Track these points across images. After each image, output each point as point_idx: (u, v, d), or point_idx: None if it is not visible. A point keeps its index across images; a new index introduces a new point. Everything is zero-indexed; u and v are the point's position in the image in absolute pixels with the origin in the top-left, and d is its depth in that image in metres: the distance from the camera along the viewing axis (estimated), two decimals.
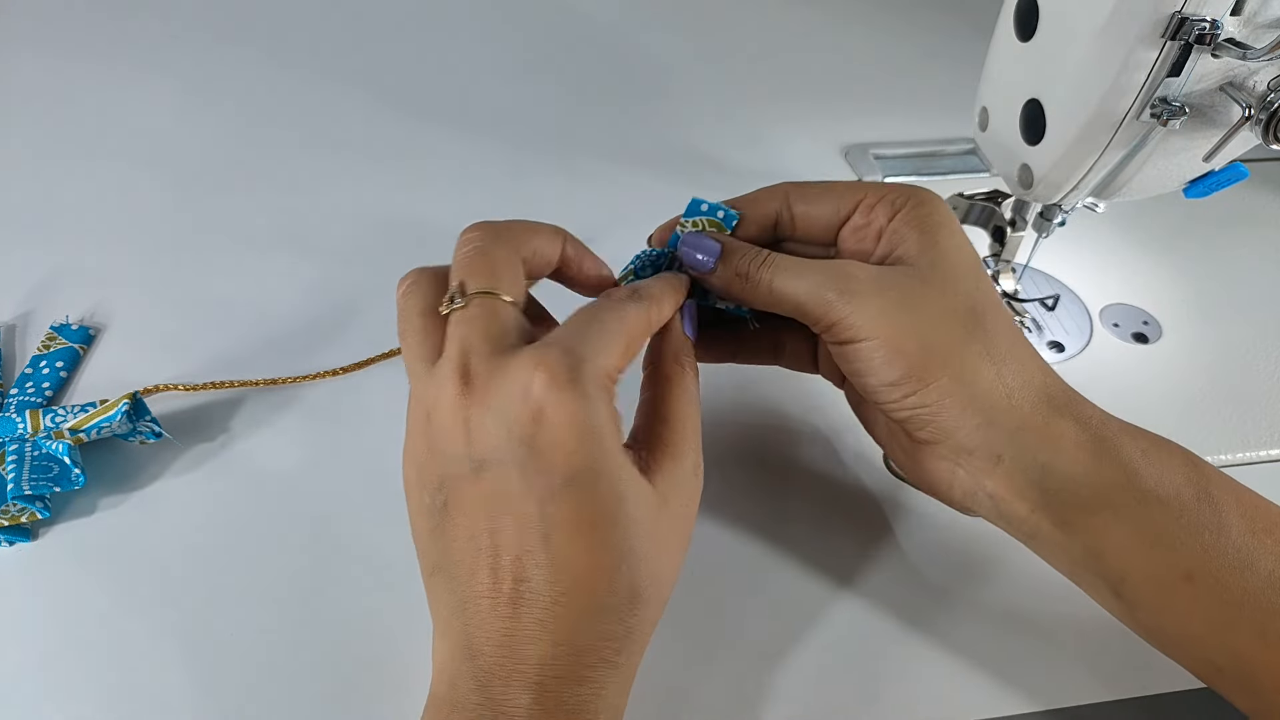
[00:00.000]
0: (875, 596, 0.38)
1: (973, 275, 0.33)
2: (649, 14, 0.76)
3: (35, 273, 0.49)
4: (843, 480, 0.43)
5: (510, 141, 0.62)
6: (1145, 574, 0.31)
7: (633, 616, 0.28)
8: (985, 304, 0.33)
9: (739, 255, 0.34)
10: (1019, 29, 0.39)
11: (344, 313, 0.49)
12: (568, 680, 0.27)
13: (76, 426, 0.39)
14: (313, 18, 0.72)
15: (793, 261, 0.33)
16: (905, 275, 0.32)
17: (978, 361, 0.31)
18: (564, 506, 0.27)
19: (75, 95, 0.62)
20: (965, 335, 0.32)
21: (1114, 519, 0.31)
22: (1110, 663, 0.36)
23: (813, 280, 0.32)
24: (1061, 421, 0.32)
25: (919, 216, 0.33)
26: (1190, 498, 0.31)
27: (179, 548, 0.38)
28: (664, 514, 0.29)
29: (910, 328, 0.31)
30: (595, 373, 0.27)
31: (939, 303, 0.32)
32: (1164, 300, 0.52)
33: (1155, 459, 0.31)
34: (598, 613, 0.27)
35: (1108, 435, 0.32)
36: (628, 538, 0.27)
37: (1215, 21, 0.33)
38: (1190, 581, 0.30)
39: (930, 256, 0.32)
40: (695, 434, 0.31)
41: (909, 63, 0.72)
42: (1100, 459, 0.31)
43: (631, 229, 0.55)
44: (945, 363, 0.31)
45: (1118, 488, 0.31)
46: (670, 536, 0.30)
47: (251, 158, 0.59)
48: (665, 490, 0.29)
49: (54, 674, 0.34)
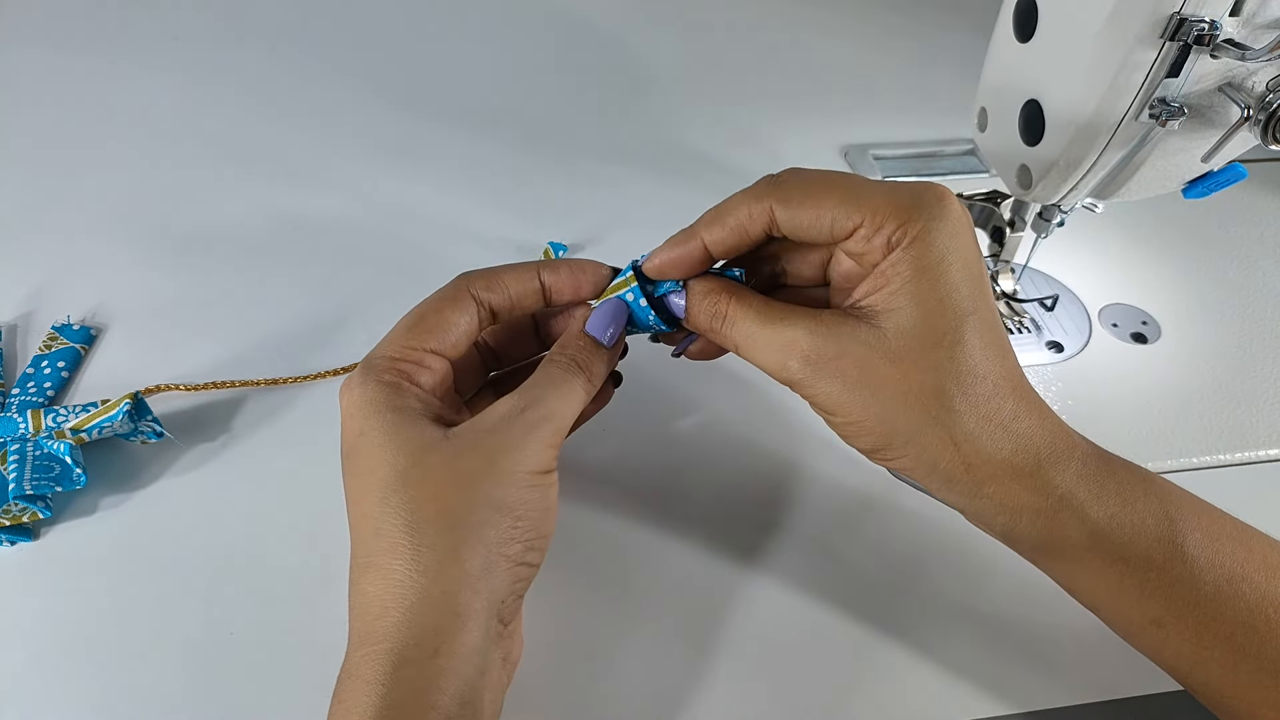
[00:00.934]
0: (875, 596, 0.38)
1: (953, 338, 0.30)
2: (649, 14, 0.76)
3: (36, 273, 0.50)
4: (842, 480, 0.43)
5: (511, 141, 0.62)
6: (1113, 615, 0.32)
7: (419, 549, 0.29)
8: (959, 377, 0.30)
9: (702, 309, 0.33)
10: (1018, 30, 0.39)
11: (344, 313, 0.49)
12: (366, 636, 0.28)
13: (78, 426, 0.39)
14: (314, 18, 0.72)
15: (753, 326, 0.32)
16: (867, 349, 0.30)
17: (937, 445, 0.31)
18: (345, 476, 0.31)
19: (76, 95, 0.62)
20: (926, 421, 0.30)
21: (1079, 571, 0.31)
22: (1110, 664, 0.36)
23: (775, 356, 0.32)
24: (1022, 491, 0.31)
25: (911, 258, 0.30)
26: (1161, 557, 0.30)
27: (179, 548, 0.38)
28: (449, 454, 0.30)
29: (872, 409, 0.31)
30: (369, 365, 0.32)
31: (901, 387, 0.30)
32: (1163, 300, 0.52)
33: (1124, 520, 0.30)
34: (367, 540, 0.30)
35: (1075, 502, 0.31)
36: (393, 482, 0.29)
37: (1214, 22, 0.33)
38: (1159, 626, 0.30)
39: (900, 321, 0.30)
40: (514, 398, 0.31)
41: (909, 63, 0.72)
42: (1062, 525, 0.31)
43: (631, 228, 0.56)
44: (906, 443, 0.31)
45: (1081, 549, 0.31)
46: (461, 472, 0.30)
47: (253, 158, 0.59)
48: (461, 433, 0.30)
49: (54, 674, 0.34)
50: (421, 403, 0.32)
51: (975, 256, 0.31)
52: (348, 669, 0.28)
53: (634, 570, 0.39)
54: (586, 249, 0.54)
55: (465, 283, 0.34)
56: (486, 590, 0.29)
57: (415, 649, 0.27)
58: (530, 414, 0.30)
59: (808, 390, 0.32)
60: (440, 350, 0.33)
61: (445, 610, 0.28)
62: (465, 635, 0.28)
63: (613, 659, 0.36)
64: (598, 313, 0.34)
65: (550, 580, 0.37)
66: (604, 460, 0.43)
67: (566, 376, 0.32)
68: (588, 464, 0.42)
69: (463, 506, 0.29)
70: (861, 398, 0.31)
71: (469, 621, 0.28)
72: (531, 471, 0.30)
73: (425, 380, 0.32)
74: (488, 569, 0.29)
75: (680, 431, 0.44)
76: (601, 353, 0.33)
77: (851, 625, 0.38)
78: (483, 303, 0.34)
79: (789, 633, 0.37)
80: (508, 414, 0.31)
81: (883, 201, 0.31)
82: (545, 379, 0.32)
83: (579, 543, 0.39)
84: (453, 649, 0.28)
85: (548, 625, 0.36)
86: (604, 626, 0.37)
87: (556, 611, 0.37)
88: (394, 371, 0.32)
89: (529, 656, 0.34)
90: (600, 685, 0.35)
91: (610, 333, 0.34)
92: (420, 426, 0.30)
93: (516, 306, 0.34)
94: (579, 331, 0.34)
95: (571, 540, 0.39)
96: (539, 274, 0.34)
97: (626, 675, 0.36)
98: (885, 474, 0.43)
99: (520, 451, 0.30)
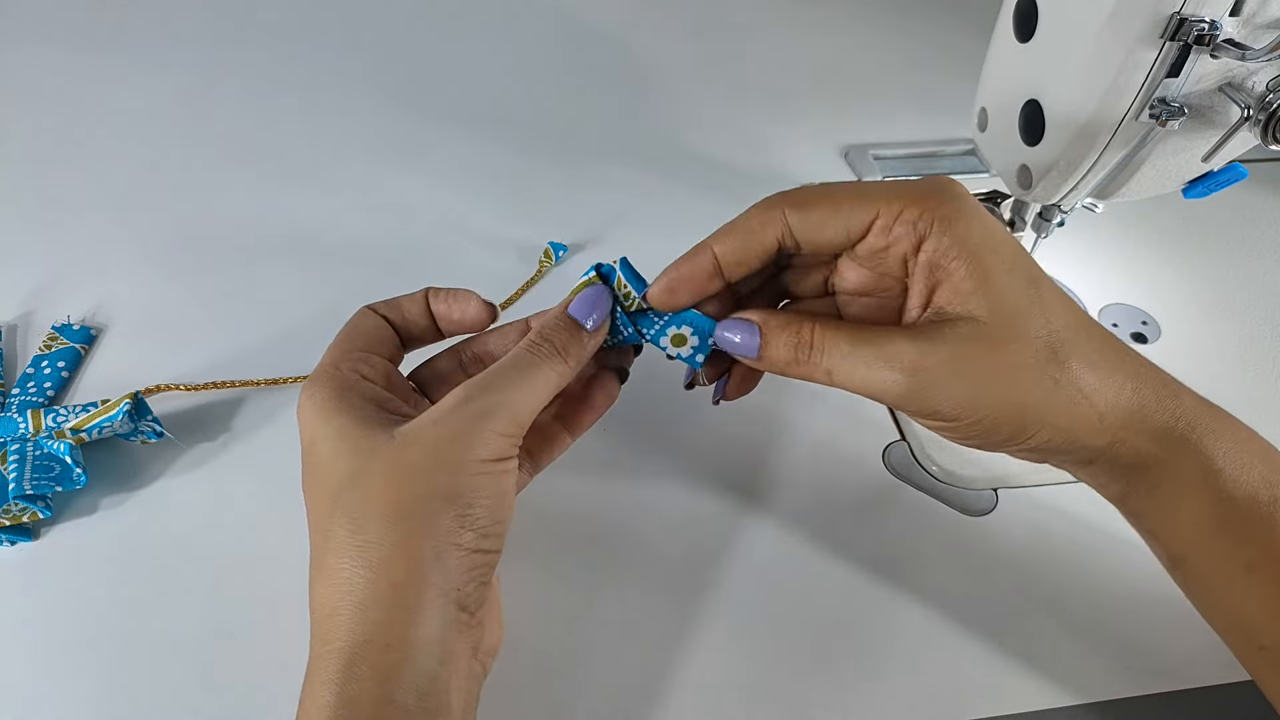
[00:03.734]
0: (873, 596, 0.39)
1: (1036, 299, 0.30)
2: (650, 15, 0.76)
3: (36, 273, 0.50)
4: (842, 480, 0.43)
5: (511, 141, 0.62)
6: (1206, 558, 0.31)
7: (365, 546, 0.28)
8: (1059, 332, 0.30)
9: (783, 341, 0.31)
10: (1018, 29, 0.39)
11: (344, 313, 0.48)
12: (320, 637, 0.29)
13: (78, 426, 0.39)
14: (314, 18, 0.72)
15: (848, 347, 0.30)
16: (974, 343, 0.30)
17: (1070, 405, 0.30)
18: (303, 486, 0.31)
19: (76, 94, 0.62)
20: (1054, 387, 0.30)
21: (1185, 510, 0.31)
22: (1110, 665, 0.37)
23: (880, 373, 0.30)
24: (1150, 428, 0.31)
25: (954, 243, 0.30)
26: (1265, 499, 0.31)
27: (179, 548, 0.38)
28: (395, 450, 0.30)
29: (1001, 402, 0.30)
30: (320, 370, 0.33)
31: (1019, 365, 0.30)
32: (1163, 300, 0.52)
33: (1235, 459, 0.31)
34: (317, 544, 0.30)
35: (1192, 434, 0.31)
36: (342, 484, 0.29)
37: (1214, 22, 0.33)
38: (1251, 571, 0.30)
39: (990, 300, 0.30)
40: (464, 387, 0.31)
41: (909, 63, 0.72)
42: (1180, 457, 0.31)
43: (631, 229, 0.56)
44: (1040, 418, 0.30)
45: (1192, 483, 0.31)
46: (407, 466, 0.29)
47: (253, 157, 0.59)
48: (408, 430, 0.30)
49: (54, 674, 0.34)
50: (369, 397, 0.32)
51: (1002, 224, 0.32)
52: (307, 672, 0.29)
53: (630, 570, 0.39)
54: (586, 249, 0.54)
55: (365, 307, 0.36)
56: (439, 580, 0.28)
57: (366, 645, 0.27)
58: (480, 401, 0.30)
59: (926, 402, 0.30)
60: (373, 350, 0.34)
61: (394, 604, 0.28)
62: (419, 627, 0.28)
63: (605, 657, 0.36)
64: (580, 296, 0.33)
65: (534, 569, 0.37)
66: (602, 459, 0.43)
67: (535, 360, 0.31)
68: (585, 464, 0.42)
69: (408, 499, 0.29)
70: (987, 391, 0.30)
71: (421, 613, 0.28)
72: (481, 459, 0.29)
73: (368, 373, 0.33)
74: (438, 558, 0.28)
75: (678, 429, 0.44)
76: (581, 336, 0.33)
77: (851, 625, 0.38)
78: (384, 316, 0.35)
79: (787, 633, 0.37)
80: (454, 404, 0.30)
81: (895, 192, 0.30)
82: (509, 363, 0.31)
83: (573, 540, 0.39)
84: (405, 641, 0.27)
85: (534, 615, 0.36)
86: (603, 627, 0.37)
87: (539, 601, 0.37)
88: (337, 371, 0.32)
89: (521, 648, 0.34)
90: (595, 683, 0.35)
91: (594, 317, 0.33)
92: (369, 427, 0.30)
93: (413, 324, 0.35)
94: (559, 313, 0.33)
95: (566, 537, 0.39)
96: (426, 298, 0.36)
97: (618, 673, 0.36)
98: (886, 473, 0.43)
99: (468, 439, 0.29)
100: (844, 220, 0.31)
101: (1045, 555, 0.40)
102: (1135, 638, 0.37)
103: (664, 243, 0.35)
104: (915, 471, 0.43)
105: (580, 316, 0.33)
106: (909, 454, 0.44)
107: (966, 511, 0.42)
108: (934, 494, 0.42)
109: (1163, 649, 0.37)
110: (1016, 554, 0.40)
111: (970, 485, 0.43)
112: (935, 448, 0.44)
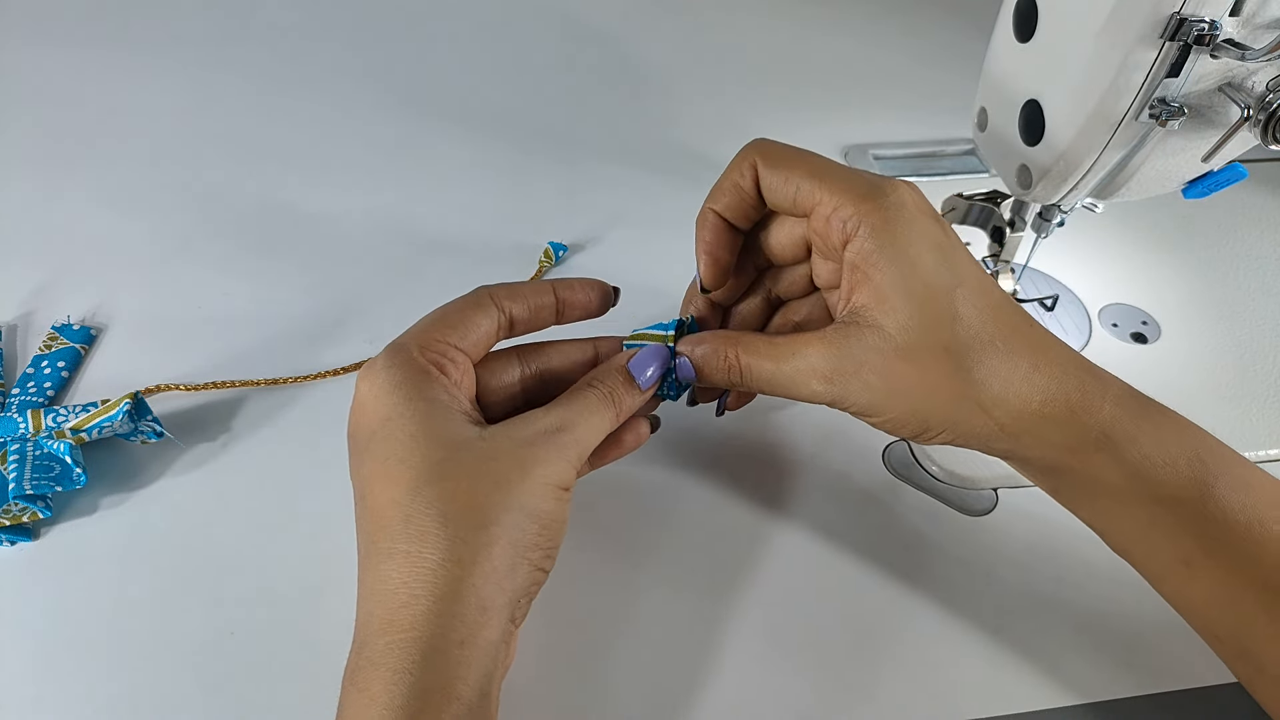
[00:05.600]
0: (873, 596, 0.39)
1: (948, 314, 0.31)
2: (650, 15, 0.76)
3: (36, 273, 0.50)
4: (843, 480, 0.43)
5: (511, 141, 0.62)
6: (1144, 558, 0.33)
7: (454, 541, 0.29)
8: (967, 345, 0.31)
9: (713, 369, 0.34)
10: (1018, 29, 0.39)
11: (344, 313, 0.49)
12: (390, 624, 0.28)
13: (78, 426, 0.39)
14: (314, 19, 0.72)
15: (770, 364, 0.33)
16: (879, 352, 0.32)
17: (970, 414, 0.32)
18: (366, 460, 0.31)
19: (77, 94, 0.62)
20: (955, 399, 0.32)
21: (1114, 514, 0.33)
22: (1109, 665, 0.37)
23: (803, 387, 0.33)
24: (1058, 437, 0.32)
25: (875, 250, 0.31)
26: (1193, 495, 0.31)
27: (179, 548, 0.38)
28: (484, 454, 0.30)
29: (905, 405, 0.32)
30: (396, 348, 0.32)
31: (922, 376, 0.32)
32: (1163, 300, 0.52)
33: (1159, 458, 0.31)
34: (392, 527, 0.29)
35: (1110, 442, 0.32)
36: (427, 473, 0.29)
37: (1214, 22, 0.33)
38: (1189, 566, 0.31)
39: (900, 314, 0.31)
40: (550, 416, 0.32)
41: (909, 63, 0.72)
42: (1099, 466, 0.32)
43: (631, 229, 0.56)
44: (942, 422, 0.32)
45: (1116, 489, 0.32)
46: (496, 475, 0.30)
47: (252, 157, 0.59)
48: (495, 436, 0.31)
49: (54, 674, 0.34)
50: (449, 395, 0.32)
51: (941, 233, 0.32)
52: (368, 656, 0.28)
53: (633, 566, 0.39)
54: (586, 249, 0.54)
55: (486, 290, 0.35)
56: (510, 588, 0.29)
57: (443, 639, 0.28)
58: (565, 435, 0.31)
59: (840, 404, 0.33)
60: (463, 347, 0.33)
61: (474, 603, 0.28)
62: (488, 629, 0.29)
63: (614, 658, 0.36)
64: (643, 352, 0.34)
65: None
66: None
67: (600, 406, 0.33)
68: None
69: (496, 507, 0.29)
70: (890, 398, 0.32)
71: (493, 616, 0.29)
72: (556, 485, 0.31)
73: (451, 371, 0.32)
74: (513, 569, 0.29)
75: (676, 430, 0.44)
76: (635, 392, 0.34)
77: (850, 625, 0.38)
78: (503, 309, 0.34)
79: (787, 632, 0.37)
80: (546, 429, 0.31)
81: (843, 185, 0.32)
82: (582, 403, 0.33)
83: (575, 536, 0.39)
84: (477, 641, 0.28)
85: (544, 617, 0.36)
86: (604, 627, 0.37)
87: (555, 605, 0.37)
88: (424, 358, 0.32)
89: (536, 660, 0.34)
90: (600, 686, 0.35)
91: (649, 374, 0.34)
92: (453, 420, 0.31)
93: (534, 317, 0.35)
94: (621, 366, 0.34)
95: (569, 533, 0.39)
96: (554, 289, 0.36)
97: (627, 675, 0.36)
98: (886, 473, 0.43)
99: (551, 465, 0.31)
100: (793, 193, 0.33)
101: (1045, 555, 0.40)
102: (1135, 638, 0.37)
103: (664, 243, 0.35)
104: (915, 471, 0.43)
105: (637, 374, 0.34)
106: (909, 454, 0.44)
107: (966, 511, 0.42)
108: (934, 494, 0.42)
109: (1163, 649, 0.37)
110: (1016, 554, 0.40)
111: (970, 485, 0.43)
112: (935, 447, 0.44)
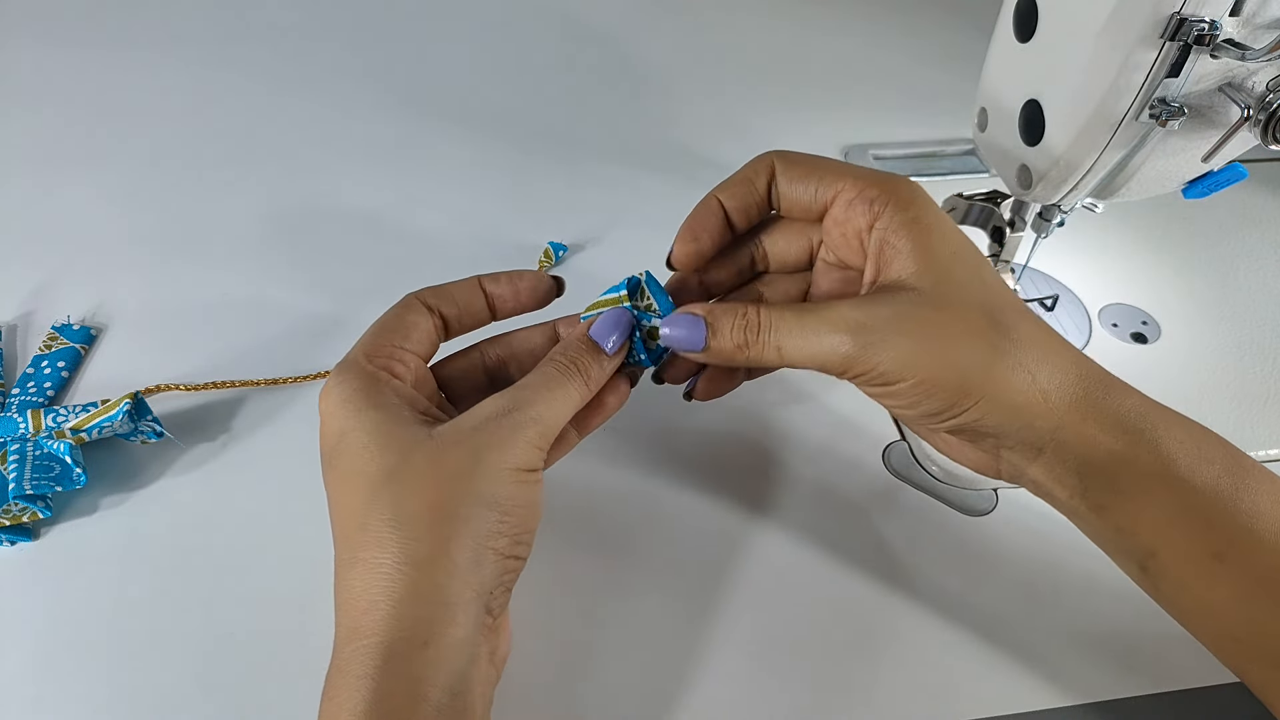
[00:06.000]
0: (873, 596, 0.39)
1: (979, 279, 0.32)
2: (650, 15, 0.76)
3: (36, 273, 0.50)
4: (843, 480, 0.43)
5: (511, 141, 0.62)
6: (1176, 551, 0.32)
7: (407, 542, 0.28)
8: (1001, 307, 0.32)
9: (729, 326, 0.32)
10: (1018, 29, 0.39)
11: (344, 312, 0.49)
12: (355, 631, 0.28)
13: (78, 426, 0.39)
14: (313, 18, 0.72)
15: (794, 320, 0.32)
16: (916, 305, 0.31)
17: (1011, 375, 0.31)
18: (328, 476, 0.31)
19: (77, 93, 0.62)
20: (995, 353, 0.31)
21: (1149, 502, 0.31)
22: (1108, 665, 0.37)
23: (827, 339, 0.31)
24: (1100, 415, 0.31)
25: (904, 223, 0.32)
26: (1227, 486, 0.31)
27: (179, 548, 0.38)
28: (435, 451, 0.30)
29: (942, 361, 0.31)
30: (344, 365, 0.32)
31: (960, 325, 0.31)
32: (1163, 300, 0.52)
33: (1193, 448, 0.31)
34: (351, 536, 0.30)
35: (1145, 426, 0.31)
36: (380, 479, 0.29)
37: (1214, 22, 0.33)
38: (1220, 560, 0.30)
39: (933, 274, 0.32)
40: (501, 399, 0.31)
41: (909, 63, 0.72)
42: (1137, 449, 0.31)
43: (631, 228, 0.56)
44: (982, 385, 0.31)
45: (1153, 475, 0.31)
46: (448, 469, 0.30)
47: (252, 158, 0.59)
48: (446, 431, 0.30)
49: (54, 674, 0.34)
50: (400, 396, 0.32)
51: (957, 226, 0.33)
52: (337, 665, 0.29)
53: (629, 567, 0.39)
54: (586, 249, 0.54)
55: (414, 295, 0.35)
56: (475, 582, 0.29)
57: (404, 641, 0.28)
58: (517, 415, 0.31)
59: (869, 362, 0.31)
60: (408, 348, 0.33)
61: (435, 602, 0.28)
62: (455, 627, 0.28)
63: (605, 657, 0.36)
64: (602, 319, 0.34)
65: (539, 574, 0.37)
66: (600, 461, 0.43)
67: (561, 379, 0.32)
68: (582, 463, 0.42)
69: (451, 501, 0.29)
70: (929, 355, 0.31)
71: (458, 613, 0.28)
72: (517, 468, 0.30)
73: (401, 372, 0.33)
74: (476, 562, 0.29)
75: (676, 431, 0.44)
76: (601, 358, 0.33)
77: (850, 625, 0.38)
78: (433, 309, 0.35)
79: (785, 633, 0.37)
80: (494, 413, 0.31)
81: (864, 174, 0.34)
82: (539, 379, 0.32)
83: (572, 538, 0.39)
84: (442, 640, 0.28)
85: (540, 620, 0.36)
86: (600, 628, 0.37)
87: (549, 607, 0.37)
88: (373, 365, 0.32)
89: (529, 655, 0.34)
90: (594, 688, 0.35)
91: (614, 340, 0.34)
92: (404, 425, 0.31)
93: (466, 315, 0.35)
94: (581, 335, 0.34)
95: (566, 536, 0.39)
96: (481, 284, 0.35)
97: (620, 674, 0.36)
98: (886, 473, 0.43)
99: (506, 449, 0.30)
100: (816, 183, 0.34)
101: (1045, 555, 0.40)
102: (1135, 638, 0.37)
103: (664, 243, 0.35)
104: (915, 471, 0.43)
105: (601, 339, 0.34)
106: (909, 454, 0.44)
107: (966, 511, 0.42)
108: (934, 494, 0.42)
109: (1163, 649, 0.37)
110: (1016, 554, 0.40)
111: (970, 485, 0.43)
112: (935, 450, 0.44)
